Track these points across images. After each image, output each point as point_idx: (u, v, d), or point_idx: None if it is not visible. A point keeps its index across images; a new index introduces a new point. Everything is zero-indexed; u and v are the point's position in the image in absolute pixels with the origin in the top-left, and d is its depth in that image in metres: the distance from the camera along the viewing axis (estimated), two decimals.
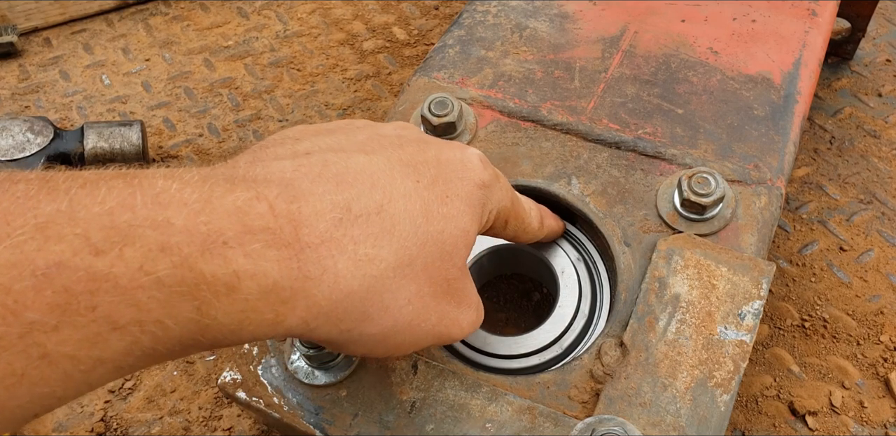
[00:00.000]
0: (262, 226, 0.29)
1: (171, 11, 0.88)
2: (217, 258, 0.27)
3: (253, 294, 0.28)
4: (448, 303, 0.36)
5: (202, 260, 0.27)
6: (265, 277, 0.28)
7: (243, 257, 0.28)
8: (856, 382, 0.59)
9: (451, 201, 0.36)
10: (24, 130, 0.68)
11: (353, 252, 0.31)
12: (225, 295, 0.28)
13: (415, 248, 0.33)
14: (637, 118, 0.55)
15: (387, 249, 0.32)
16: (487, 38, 0.60)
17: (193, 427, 0.59)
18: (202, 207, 0.28)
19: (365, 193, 0.33)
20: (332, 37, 0.85)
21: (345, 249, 0.31)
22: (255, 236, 0.28)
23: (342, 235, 0.31)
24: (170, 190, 0.28)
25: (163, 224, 0.27)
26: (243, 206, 0.29)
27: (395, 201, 0.33)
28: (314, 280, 0.30)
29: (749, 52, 0.58)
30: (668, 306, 0.45)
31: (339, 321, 0.32)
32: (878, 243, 0.66)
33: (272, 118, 0.78)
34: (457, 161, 0.38)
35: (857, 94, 0.77)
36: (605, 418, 0.40)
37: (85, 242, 0.25)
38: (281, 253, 0.29)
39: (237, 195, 0.29)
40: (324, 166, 0.33)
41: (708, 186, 0.48)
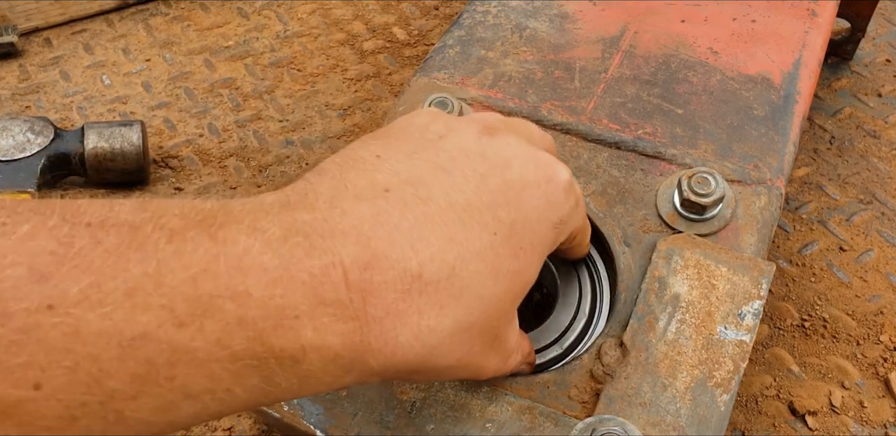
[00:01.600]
0: (334, 298, 0.29)
1: (172, 12, 0.88)
2: (289, 333, 0.28)
3: (315, 365, 0.29)
4: (486, 356, 0.36)
5: (274, 335, 0.28)
6: (329, 349, 0.29)
7: (312, 332, 0.28)
8: (856, 382, 0.59)
9: (525, 254, 0.35)
10: (25, 130, 0.68)
11: (416, 324, 0.31)
12: (290, 367, 0.29)
13: (478, 312, 0.33)
14: (637, 118, 0.55)
15: (450, 318, 0.32)
16: (487, 38, 0.60)
17: (193, 427, 0.59)
18: (280, 275, 0.28)
19: (440, 252, 0.32)
20: (333, 37, 0.85)
21: (408, 321, 0.31)
22: (325, 310, 0.29)
23: (408, 307, 0.31)
24: (251, 253, 0.28)
25: (242, 295, 0.27)
26: (319, 274, 0.29)
27: (468, 261, 0.32)
28: (373, 352, 0.30)
29: (749, 53, 0.58)
30: (667, 306, 0.45)
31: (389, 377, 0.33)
32: (877, 243, 0.66)
33: (272, 118, 0.78)
34: (539, 195, 0.36)
35: (857, 95, 0.77)
36: (605, 418, 0.40)
37: (169, 314, 0.26)
38: (347, 326, 0.29)
39: (314, 263, 0.29)
40: (402, 214, 0.32)
41: (708, 186, 0.48)
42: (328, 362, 0.29)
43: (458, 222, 0.33)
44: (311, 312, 0.28)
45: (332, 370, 0.30)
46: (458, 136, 0.36)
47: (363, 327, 0.30)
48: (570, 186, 0.38)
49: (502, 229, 0.34)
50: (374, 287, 0.30)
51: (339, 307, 0.29)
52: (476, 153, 0.36)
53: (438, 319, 0.32)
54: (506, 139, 0.37)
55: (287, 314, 0.28)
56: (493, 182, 0.35)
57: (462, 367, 0.35)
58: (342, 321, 0.29)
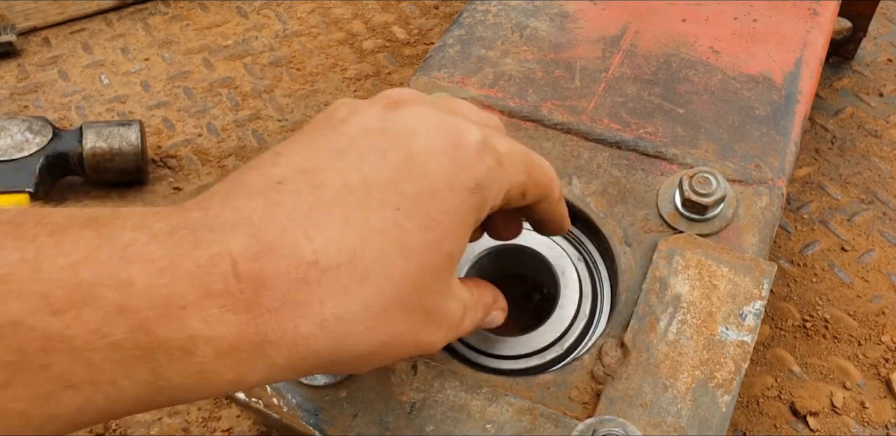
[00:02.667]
0: (222, 289, 0.28)
1: (171, 11, 0.88)
2: (174, 322, 0.27)
3: (209, 357, 0.28)
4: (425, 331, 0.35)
5: (159, 324, 0.27)
6: (221, 341, 0.28)
7: (200, 322, 0.28)
8: (857, 382, 0.58)
9: (438, 224, 0.33)
10: (23, 130, 0.68)
11: (318, 314, 0.30)
12: (180, 359, 0.28)
13: (391, 293, 0.32)
14: (638, 118, 0.55)
15: (358, 303, 0.31)
16: (487, 37, 0.60)
17: (192, 428, 0.58)
18: (166, 265, 0.27)
19: (337, 236, 0.31)
20: (332, 36, 0.85)
21: (307, 311, 0.30)
22: (213, 301, 0.28)
23: (305, 296, 0.30)
24: (136, 243, 0.27)
25: (124, 284, 0.26)
26: (206, 265, 0.28)
27: (369, 242, 0.31)
28: (273, 344, 0.29)
29: (750, 52, 0.58)
30: (668, 307, 0.45)
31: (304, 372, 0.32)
32: (879, 243, 0.66)
33: (272, 118, 0.78)
34: (447, 161, 0.34)
35: (859, 94, 0.77)
36: (605, 419, 0.40)
37: (43, 301, 0.25)
38: (239, 318, 0.28)
39: (200, 253, 0.28)
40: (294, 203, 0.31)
41: (709, 185, 0.48)
42: (224, 354, 0.28)
43: (355, 203, 0.32)
44: (199, 303, 0.28)
45: (231, 365, 0.29)
46: (360, 116, 0.36)
47: (257, 318, 0.29)
48: (484, 147, 0.35)
49: (405, 203, 0.33)
50: (265, 278, 0.29)
51: (229, 298, 0.28)
52: (377, 130, 0.35)
53: (344, 305, 0.30)
54: (411, 111, 0.36)
55: (173, 304, 0.27)
56: (393, 156, 0.34)
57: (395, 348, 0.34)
58: (233, 312, 0.28)
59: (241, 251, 0.29)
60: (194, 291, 0.28)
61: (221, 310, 0.28)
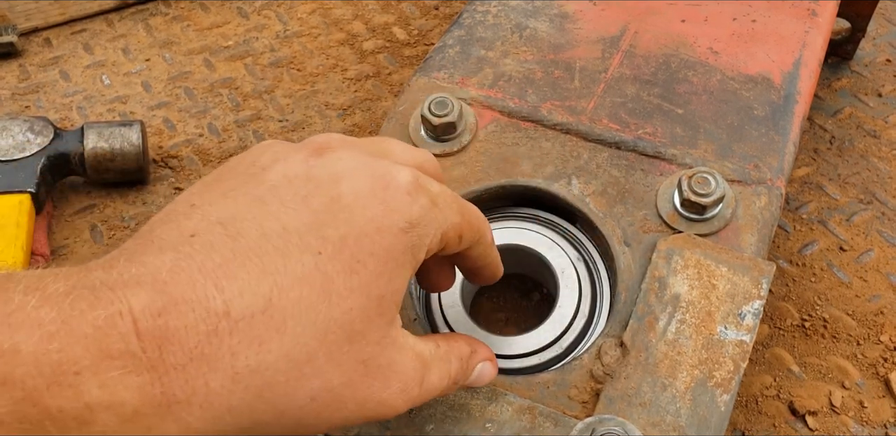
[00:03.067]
0: (122, 349, 0.26)
1: (171, 11, 0.88)
2: (67, 391, 0.25)
3: (111, 426, 0.26)
4: (370, 387, 0.32)
5: (48, 394, 0.24)
6: (123, 406, 0.26)
7: (98, 388, 0.25)
8: (856, 382, 0.59)
9: (363, 266, 0.31)
10: (25, 130, 0.68)
11: (230, 366, 0.28)
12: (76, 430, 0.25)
13: (314, 341, 0.30)
14: (637, 118, 0.55)
15: (275, 353, 0.29)
16: (487, 38, 0.60)
17: None
18: (58, 329, 0.25)
19: (250, 286, 0.29)
20: (332, 37, 0.85)
21: (218, 365, 0.27)
22: (113, 363, 0.26)
23: (216, 349, 0.27)
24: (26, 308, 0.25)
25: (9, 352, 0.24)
26: (103, 326, 0.26)
27: (287, 289, 0.29)
28: (182, 403, 0.27)
29: (749, 53, 0.58)
30: (668, 306, 0.45)
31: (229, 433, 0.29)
32: (878, 243, 0.66)
33: (272, 118, 0.78)
34: (376, 204, 0.32)
35: (857, 95, 0.77)
36: (605, 418, 0.40)
37: None
38: (142, 379, 0.26)
39: (98, 313, 0.26)
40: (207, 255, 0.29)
41: (708, 186, 0.48)
42: (127, 421, 0.26)
43: (274, 251, 0.30)
44: (95, 367, 0.25)
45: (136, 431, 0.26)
46: (283, 163, 0.34)
47: (162, 377, 0.26)
48: (416, 187, 0.34)
49: (328, 247, 0.31)
50: (170, 333, 0.27)
51: (130, 359, 0.26)
52: (301, 177, 0.33)
53: (259, 356, 0.28)
54: (336, 155, 0.34)
55: (65, 370, 0.25)
56: (316, 201, 0.32)
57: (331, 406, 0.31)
58: (134, 374, 0.26)
59: (142, 308, 0.27)
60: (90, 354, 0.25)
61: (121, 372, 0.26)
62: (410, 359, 0.34)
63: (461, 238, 0.37)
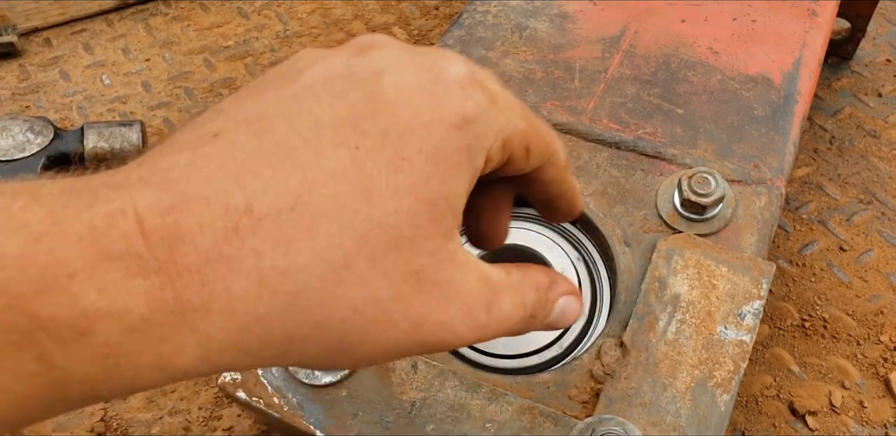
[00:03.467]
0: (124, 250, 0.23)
1: (172, 11, 0.88)
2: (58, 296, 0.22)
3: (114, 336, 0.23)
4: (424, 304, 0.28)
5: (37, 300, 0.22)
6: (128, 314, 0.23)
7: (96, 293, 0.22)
8: (856, 382, 0.59)
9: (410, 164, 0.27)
10: (25, 130, 0.68)
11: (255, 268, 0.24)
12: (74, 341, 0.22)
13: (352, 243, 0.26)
14: (637, 118, 0.55)
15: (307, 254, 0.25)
16: (487, 38, 0.60)
17: (193, 427, 0.59)
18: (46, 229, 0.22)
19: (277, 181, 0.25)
20: (333, 37, 0.85)
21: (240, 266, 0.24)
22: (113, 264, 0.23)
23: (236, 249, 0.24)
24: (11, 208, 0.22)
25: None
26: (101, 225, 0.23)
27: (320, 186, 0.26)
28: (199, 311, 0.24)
29: (749, 53, 0.58)
30: (668, 306, 0.45)
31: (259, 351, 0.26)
32: (877, 243, 0.66)
33: None
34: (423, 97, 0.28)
35: (857, 95, 0.77)
36: (605, 418, 0.40)
37: None
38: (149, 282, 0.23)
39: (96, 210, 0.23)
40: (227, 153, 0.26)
41: (708, 186, 0.48)
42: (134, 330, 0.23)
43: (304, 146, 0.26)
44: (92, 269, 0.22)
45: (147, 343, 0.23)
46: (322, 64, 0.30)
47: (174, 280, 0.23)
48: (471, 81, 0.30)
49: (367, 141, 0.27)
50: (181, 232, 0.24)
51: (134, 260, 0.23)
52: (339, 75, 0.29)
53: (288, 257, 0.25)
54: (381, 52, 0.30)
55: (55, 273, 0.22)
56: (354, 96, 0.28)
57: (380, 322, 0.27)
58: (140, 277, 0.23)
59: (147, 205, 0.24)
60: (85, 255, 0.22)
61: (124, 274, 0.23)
62: (475, 278, 0.29)
63: (528, 151, 0.32)
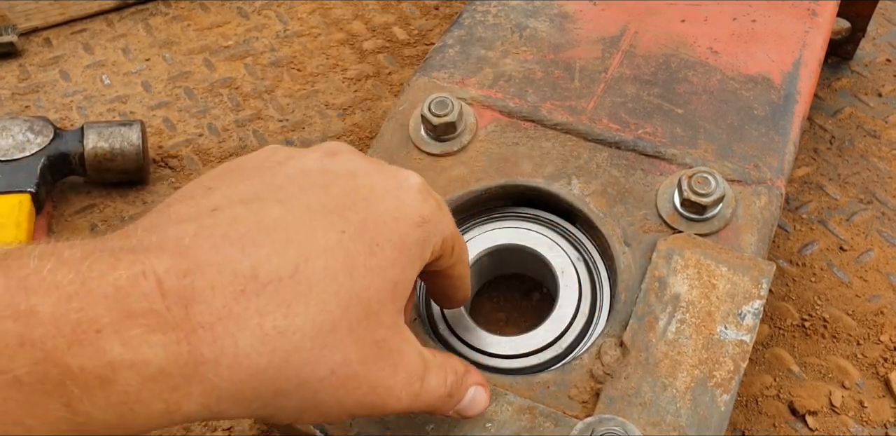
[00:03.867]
0: (146, 308, 0.26)
1: (171, 11, 0.88)
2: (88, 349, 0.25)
3: (133, 385, 0.25)
4: (381, 370, 0.32)
5: (69, 353, 0.24)
6: (147, 365, 0.25)
7: (120, 346, 0.25)
8: (856, 382, 0.59)
9: (381, 250, 0.32)
10: (24, 130, 0.68)
11: (259, 327, 0.28)
12: (98, 389, 0.25)
13: (337, 311, 0.30)
14: (637, 118, 0.55)
15: (302, 317, 0.29)
16: (487, 37, 0.60)
17: (193, 427, 0.59)
18: (76, 290, 0.25)
19: (277, 252, 0.29)
20: (333, 37, 0.85)
21: (246, 324, 0.27)
22: (135, 321, 0.25)
23: (244, 309, 0.27)
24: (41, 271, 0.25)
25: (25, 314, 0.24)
26: (125, 286, 0.26)
27: (314, 259, 0.30)
28: (209, 363, 0.27)
29: (749, 52, 0.58)
30: (668, 306, 0.45)
31: (250, 401, 0.29)
32: (878, 243, 0.66)
33: (272, 118, 0.78)
34: (391, 198, 0.34)
35: (857, 94, 0.77)
36: (605, 418, 0.40)
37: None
38: (167, 337, 0.26)
39: (119, 273, 0.26)
40: (231, 225, 0.29)
41: (708, 185, 0.48)
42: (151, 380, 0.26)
43: (299, 224, 0.30)
44: (117, 325, 0.25)
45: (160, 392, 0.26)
46: (298, 160, 0.35)
47: (189, 335, 0.26)
48: (426, 190, 0.36)
49: (350, 227, 0.32)
50: (196, 293, 0.27)
51: (154, 317, 0.26)
52: (317, 171, 0.34)
53: (287, 319, 0.28)
54: (349, 156, 0.36)
55: (85, 329, 0.25)
56: (335, 190, 0.33)
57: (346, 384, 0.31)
58: (160, 332, 0.26)
59: (166, 269, 0.26)
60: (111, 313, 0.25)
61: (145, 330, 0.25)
62: (415, 353, 0.35)
63: (453, 249, 0.38)
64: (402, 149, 0.54)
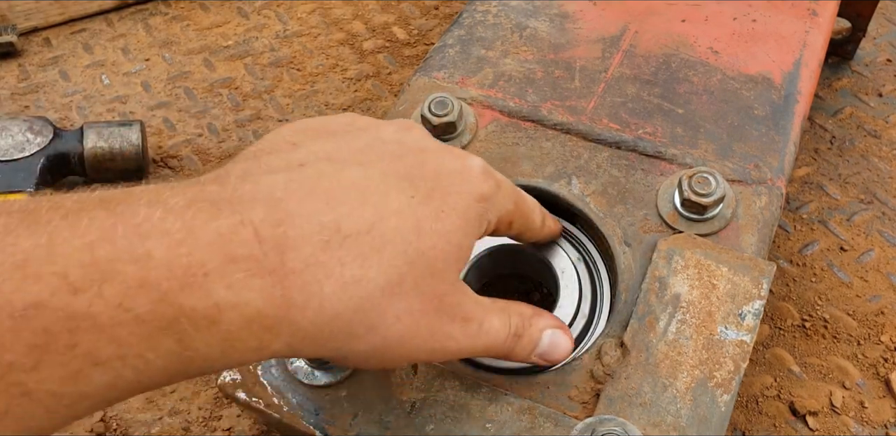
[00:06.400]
0: (246, 254, 0.28)
1: (171, 11, 0.88)
2: (198, 291, 0.27)
3: (235, 324, 0.28)
4: (440, 319, 0.36)
5: (182, 294, 0.27)
6: (248, 306, 0.28)
7: (225, 289, 0.28)
8: (856, 382, 0.59)
9: (447, 216, 0.35)
10: (24, 130, 0.68)
11: (340, 275, 0.31)
12: (206, 327, 0.28)
13: (405, 266, 0.33)
14: (637, 118, 0.55)
15: (375, 269, 0.32)
16: (487, 37, 0.60)
17: (193, 427, 0.58)
18: (184, 236, 0.27)
19: (356, 209, 0.32)
20: (332, 37, 0.85)
21: (331, 272, 0.30)
22: (237, 266, 0.28)
23: (329, 258, 0.30)
24: (152, 219, 0.27)
25: (143, 258, 0.26)
26: (227, 233, 0.28)
27: (387, 219, 0.33)
28: (299, 307, 0.30)
29: (749, 52, 0.58)
30: (668, 306, 0.45)
31: (326, 342, 0.32)
32: (878, 243, 0.66)
33: (272, 118, 0.78)
34: (456, 173, 0.37)
35: (858, 94, 0.77)
36: (605, 419, 0.40)
37: (63, 281, 0.25)
38: (265, 281, 0.29)
39: (221, 222, 0.28)
40: (316, 181, 0.32)
41: (708, 185, 0.48)
42: (250, 321, 0.28)
43: (374, 188, 0.34)
44: (222, 270, 0.28)
45: (256, 332, 0.29)
46: (377, 130, 0.38)
47: (283, 280, 0.29)
48: (487, 171, 0.39)
49: (419, 194, 0.35)
50: (289, 241, 0.29)
51: (254, 262, 0.28)
52: (393, 140, 0.38)
53: (363, 269, 0.31)
54: (421, 134, 0.40)
55: (195, 273, 0.27)
56: (408, 160, 0.36)
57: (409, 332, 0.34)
58: (258, 276, 0.28)
59: (261, 219, 0.29)
60: (216, 258, 0.28)
61: (246, 274, 0.28)
62: (472, 302, 0.38)
63: (511, 224, 0.42)
64: None
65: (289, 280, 0.29)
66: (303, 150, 0.35)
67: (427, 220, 0.34)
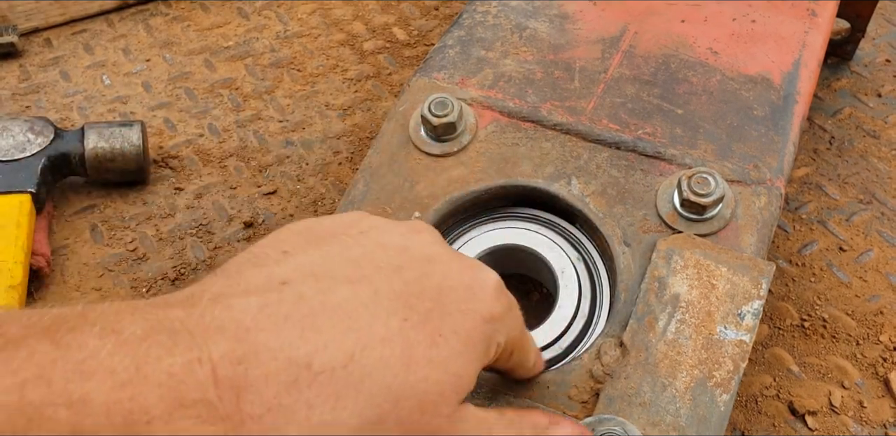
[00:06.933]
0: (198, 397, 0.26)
1: (172, 12, 0.88)
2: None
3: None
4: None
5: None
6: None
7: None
8: (855, 381, 0.59)
9: (445, 341, 0.31)
10: (25, 131, 0.68)
11: (307, 419, 0.28)
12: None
13: (386, 404, 0.30)
14: (637, 118, 0.55)
15: (349, 410, 0.29)
16: (487, 38, 0.60)
17: None
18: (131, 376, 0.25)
19: (335, 339, 0.29)
20: (333, 37, 0.85)
21: (294, 417, 0.27)
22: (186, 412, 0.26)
23: (294, 400, 0.27)
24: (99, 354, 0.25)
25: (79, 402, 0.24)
26: (179, 372, 0.26)
27: (370, 348, 0.29)
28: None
29: (749, 53, 0.58)
30: (667, 306, 0.45)
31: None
32: (877, 243, 0.66)
33: (273, 119, 0.78)
34: (463, 289, 0.34)
35: (857, 95, 0.77)
36: (604, 418, 0.40)
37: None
38: (216, 428, 0.26)
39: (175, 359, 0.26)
40: (294, 306, 0.29)
41: (707, 186, 0.48)
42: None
43: (362, 310, 0.30)
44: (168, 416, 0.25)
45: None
46: (381, 231, 0.35)
47: (237, 427, 0.26)
48: (500, 289, 0.35)
49: (415, 316, 0.31)
50: (249, 382, 0.27)
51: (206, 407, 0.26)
52: (396, 247, 0.34)
53: (334, 412, 0.28)
54: (431, 238, 0.36)
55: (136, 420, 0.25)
56: (408, 274, 0.33)
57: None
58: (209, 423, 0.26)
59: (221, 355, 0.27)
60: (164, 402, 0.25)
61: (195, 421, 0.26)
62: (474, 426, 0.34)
63: (512, 354, 0.37)
64: (402, 149, 0.54)
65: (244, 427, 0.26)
66: (291, 262, 0.32)
67: (420, 346, 0.31)
